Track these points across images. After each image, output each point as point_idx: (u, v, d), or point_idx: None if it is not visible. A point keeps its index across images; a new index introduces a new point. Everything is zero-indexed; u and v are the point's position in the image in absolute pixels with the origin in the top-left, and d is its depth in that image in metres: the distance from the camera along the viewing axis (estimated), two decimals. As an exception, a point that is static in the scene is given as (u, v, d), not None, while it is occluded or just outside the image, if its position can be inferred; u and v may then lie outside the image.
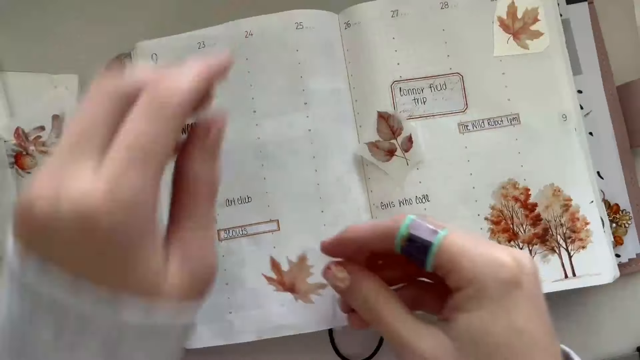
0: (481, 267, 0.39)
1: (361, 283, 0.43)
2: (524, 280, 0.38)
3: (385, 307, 0.42)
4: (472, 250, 0.39)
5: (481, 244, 0.40)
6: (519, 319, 0.38)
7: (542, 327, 0.39)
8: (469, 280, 0.39)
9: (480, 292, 0.38)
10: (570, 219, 0.53)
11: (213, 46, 0.56)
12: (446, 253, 0.40)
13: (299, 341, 0.55)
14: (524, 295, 0.38)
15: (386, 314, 0.42)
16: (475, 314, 0.38)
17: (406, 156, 0.54)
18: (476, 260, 0.39)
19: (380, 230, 0.42)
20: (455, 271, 0.39)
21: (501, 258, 0.39)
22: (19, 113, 0.59)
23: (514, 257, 0.39)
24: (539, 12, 0.56)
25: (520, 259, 0.39)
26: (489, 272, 0.38)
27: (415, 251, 0.41)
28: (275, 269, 0.53)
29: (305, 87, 0.55)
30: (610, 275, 0.53)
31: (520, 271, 0.38)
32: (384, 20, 0.56)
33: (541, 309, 0.39)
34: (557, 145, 0.54)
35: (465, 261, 0.39)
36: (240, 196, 0.54)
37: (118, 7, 0.62)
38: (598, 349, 0.58)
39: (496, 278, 0.38)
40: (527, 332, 0.38)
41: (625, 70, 0.61)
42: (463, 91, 0.55)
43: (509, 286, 0.38)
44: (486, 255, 0.39)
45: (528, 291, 0.38)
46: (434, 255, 0.40)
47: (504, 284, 0.38)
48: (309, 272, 0.52)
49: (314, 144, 0.54)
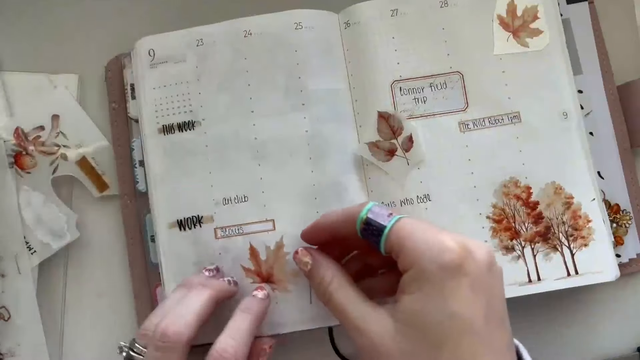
0: (423, 250, 0.40)
1: (320, 266, 0.47)
2: (468, 267, 0.40)
3: (338, 290, 0.45)
4: (418, 234, 0.41)
5: (431, 229, 0.42)
6: (453, 303, 0.39)
7: (479, 313, 0.39)
8: (412, 262, 0.41)
9: (420, 274, 0.40)
10: (572, 217, 0.53)
11: (212, 44, 0.56)
12: (396, 236, 0.42)
13: (298, 341, 0.55)
14: (465, 281, 0.39)
15: (338, 297, 0.45)
16: (414, 296, 0.40)
17: (407, 156, 0.54)
18: (420, 244, 0.41)
19: (347, 215, 0.46)
20: (402, 253, 0.41)
21: (445, 243, 0.40)
22: (18, 113, 0.59)
23: (460, 243, 0.40)
24: (539, 10, 0.56)
25: (469, 247, 0.40)
26: (430, 255, 0.40)
27: (371, 234, 0.44)
28: (253, 258, 0.53)
29: (303, 88, 0.55)
30: (612, 274, 0.53)
31: (464, 257, 0.40)
32: (384, 19, 0.56)
33: (484, 296, 0.40)
34: (558, 143, 0.54)
35: (410, 243, 0.41)
36: (237, 195, 0.54)
37: (118, 7, 0.62)
38: (598, 349, 0.58)
39: (435, 261, 0.40)
40: (460, 316, 0.39)
41: (625, 70, 0.61)
42: (463, 90, 0.55)
43: (449, 271, 0.39)
44: (430, 239, 0.41)
45: (471, 278, 0.39)
46: (385, 238, 0.43)
47: (442, 267, 0.39)
48: (286, 260, 0.53)
49: (310, 145, 0.54)
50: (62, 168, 0.58)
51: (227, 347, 0.44)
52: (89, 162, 0.59)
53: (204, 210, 0.54)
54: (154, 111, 0.55)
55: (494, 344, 0.40)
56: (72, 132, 0.59)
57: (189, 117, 0.55)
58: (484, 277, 0.40)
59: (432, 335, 0.39)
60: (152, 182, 0.55)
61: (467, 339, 0.39)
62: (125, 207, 0.58)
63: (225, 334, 0.45)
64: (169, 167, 0.54)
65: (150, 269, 0.56)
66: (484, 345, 0.39)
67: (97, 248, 0.59)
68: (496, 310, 0.40)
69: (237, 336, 0.45)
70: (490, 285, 0.41)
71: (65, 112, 0.59)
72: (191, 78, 0.55)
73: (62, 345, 0.57)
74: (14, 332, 0.56)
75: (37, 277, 0.57)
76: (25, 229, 0.57)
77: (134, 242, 0.57)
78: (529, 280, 0.52)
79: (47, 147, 0.58)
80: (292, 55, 0.55)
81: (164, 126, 0.55)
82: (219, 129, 0.55)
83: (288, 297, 0.53)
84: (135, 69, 0.56)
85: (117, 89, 0.59)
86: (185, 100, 0.55)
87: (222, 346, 0.44)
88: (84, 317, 0.58)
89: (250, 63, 0.55)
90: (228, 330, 0.46)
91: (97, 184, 0.59)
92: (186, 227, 0.54)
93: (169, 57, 0.56)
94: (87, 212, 0.59)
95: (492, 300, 0.40)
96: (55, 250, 0.57)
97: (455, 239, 0.41)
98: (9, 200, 0.57)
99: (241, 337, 0.45)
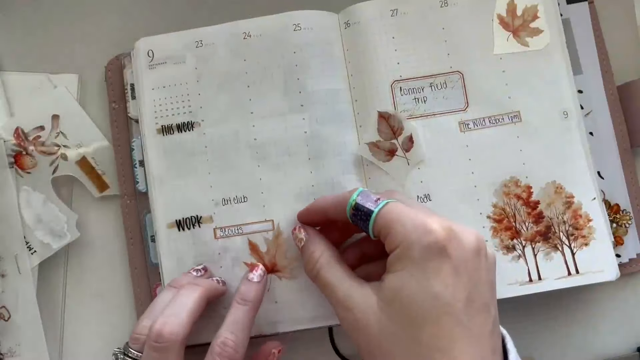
0: (410, 231, 0.41)
1: (311, 242, 0.49)
2: (452, 250, 0.40)
3: (326, 265, 0.47)
4: (405, 216, 0.42)
5: (419, 212, 0.43)
6: (435, 284, 0.40)
7: (461, 296, 0.40)
8: (398, 242, 0.42)
9: (404, 254, 0.41)
10: (573, 216, 0.53)
11: (211, 46, 0.56)
12: (383, 219, 0.43)
13: (298, 340, 0.54)
14: (448, 263, 0.40)
15: (325, 272, 0.46)
16: (398, 274, 0.41)
17: (407, 156, 0.54)
18: (407, 225, 0.42)
19: (339, 200, 0.47)
20: (389, 235, 0.42)
21: (430, 225, 0.41)
22: (18, 113, 0.59)
23: (446, 227, 0.41)
24: (539, 10, 0.56)
25: (456, 230, 0.41)
26: (415, 236, 0.41)
27: (360, 219, 0.45)
28: (254, 252, 0.54)
29: (302, 89, 0.55)
30: (613, 273, 0.53)
31: (449, 240, 0.40)
32: (384, 19, 0.56)
33: (468, 280, 0.41)
34: (558, 142, 0.54)
35: (398, 225, 0.42)
36: (236, 196, 0.54)
37: (118, 7, 0.62)
38: (598, 349, 0.58)
39: (420, 241, 0.41)
40: (441, 297, 0.40)
41: (625, 70, 0.61)
42: (463, 89, 0.55)
43: (433, 252, 0.40)
44: (417, 220, 0.42)
45: (455, 261, 0.40)
46: (373, 222, 0.44)
47: (427, 248, 0.40)
48: (287, 246, 0.53)
49: (309, 146, 0.54)
50: (62, 168, 0.58)
51: (227, 340, 0.45)
52: (89, 162, 0.59)
53: (203, 211, 0.54)
54: (153, 112, 0.55)
55: (473, 329, 0.40)
56: (72, 132, 0.59)
57: (188, 118, 0.55)
58: (469, 262, 0.41)
59: (412, 314, 0.40)
60: (151, 183, 0.55)
61: (445, 320, 0.40)
62: (125, 207, 0.58)
63: (224, 328, 0.46)
64: (168, 168, 0.55)
65: (150, 269, 0.56)
66: (463, 328, 0.40)
67: (97, 248, 0.59)
68: (480, 296, 0.41)
69: (236, 329, 0.46)
70: (475, 270, 0.41)
71: (65, 112, 0.59)
72: (190, 79, 0.55)
73: (62, 345, 0.57)
74: (14, 332, 0.56)
75: (37, 277, 0.57)
76: (25, 229, 0.57)
77: (134, 242, 0.57)
78: (530, 280, 0.52)
79: (47, 147, 0.58)
80: (291, 56, 0.55)
81: (163, 127, 0.55)
82: (219, 130, 0.55)
83: (294, 284, 0.53)
84: (134, 70, 0.56)
85: (117, 89, 0.59)
86: (184, 101, 0.55)
87: (222, 340, 0.45)
88: (84, 317, 0.58)
89: (249, 64, 0.55)
90: (227, 324, 0.47)
91: (97, 184, 0.59)
92: (185, 228, 0.54)
93: (168, 58, 0.56)
94: (87, 212, 0.59)
95: (476, 285, 0.41)
96: (55, 250, 0.57)
97: (442, 222, 0.41)
98: (9, 200, 0.57)
99: (240, 330, 0.47)
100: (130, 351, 0.46)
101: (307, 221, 0.51)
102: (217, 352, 0.45)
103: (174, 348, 0.44)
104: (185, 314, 0.46)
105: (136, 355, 0.46)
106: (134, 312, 0.57)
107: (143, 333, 0.46)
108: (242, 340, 0.46)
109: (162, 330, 0.44)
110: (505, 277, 0.52)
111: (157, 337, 0.44)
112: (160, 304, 0.48)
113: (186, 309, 0.46)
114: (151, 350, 0.44)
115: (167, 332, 0.44)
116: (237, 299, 0.49)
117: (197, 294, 0.48)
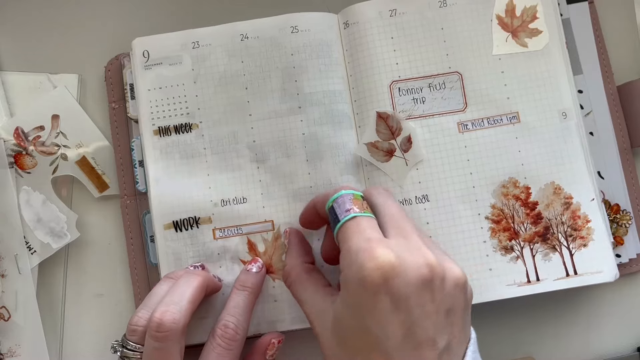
0: (352, 260, 0.40)
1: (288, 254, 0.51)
2: (393, 285, 0.39)
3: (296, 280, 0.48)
4: (354, 241, 0.41)
5: (370, 239, 0.41)
6: (368, 320, 0.39)
7: (396, 333, 0.39)
8: (343, 267, 0.41)
9: (345, 281, 0.41)
10: (572, 217, 0.53)
11: (208, 47, 0.56)
12: (341, 234, 0.43)
13: (298, 340, 0.54)
14: (385, 300, 0.39)
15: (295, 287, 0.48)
16: (342, 298, 0.41)
17: (405, 156, 0.54)
18: (351, 253, 0.41)
19: (324, 198, 0.47)
20: (341, 254, 0.42)
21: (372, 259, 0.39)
22: (18, 113, 0.59)
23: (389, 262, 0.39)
24: (538, 10, 0.56)
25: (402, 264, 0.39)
26: (355, 268, 0.40)
27: (332, 221, 0.45)
28: (252, 251, 0.54)
29: (299, 91, 0.55)
30: (612, 274, 0.53)
31: (390, 276, 0.39)
32: (383, 19, 0.56)
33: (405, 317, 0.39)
34: (557, 142, 0.54)
35: (346, 248, 0.41)
36: (236, 197, 0.54)
37: (118, 7, 0.62)
38: (598, 349, 0.58)
39: (357, 275, 0.39)
40: (372, 334, 0.39)
41: (625, 70, 0.61)
42: (462, 90, 0.55)
43: (369, 287, 0.39)
44: (362, 250, 0.40)
45: (394, 296, 0.39)
46: (336, 232, 0.44)
47: (363, 283, 0.39)
48: (284, 249, 0.54)
49: (307, 147, 0.54)
50: (62, 168, 0.58)
51: (228, 322, 0.47)
52: (89, 162, 0.59)
53: (201, 212, 0.54)
54: (150, 112, 0.55)
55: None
56: (72, 132, 0.59)
57: (186, 120, 0.55)
58: (412, 297, 0.39)
59: (349, 343, 0.41)
60: (149, 184, 0.55)
61: (375, 356, 0.39)
62: (125, 207, 0.58)
63: (225, 312, 0.48)
64: (165, 169, 0.55)
65: (150, 269, 0.57)
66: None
67: (97, 248, 0.59)
68: (423, 332, 0.39)
69: (236, 312, 0.48)
70: (419, 306, 0.39)
71: (65, 112, 0.59)
72: (187, 80, 0.56)
73: (62, 345, 0.58)
74: (14, 332, 0.56)
75: (37, 277, 0.57)
76: (25, 229, 0.57)
77: (134, 242, 0.57)
78: (528, 281, 0.52)
79: (47, 147, 0.58)
80: (288, 58, 0.55)
81: (160, 128, 0.55)
82: (217, 132, 0.55)
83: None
84: (133, 70, 0.57)
85: (117, 89, 0.59)
86: (182, 102, 0.55)
87: (223, 322, 0.47)
88: (84, 317, 0.58)
89: (246, 66, 0.56)
90: (227, 308, 0.49)
91: (97, 184, 0.59)
92: (182, 228, 0.54)
93: (164, 58, 0.56)
94: (87, 212, 0.59)
95: (419, 320, 0.39)
96: (55, 250, 0.57)
97: (387, 255, 0.39)
98: (9, 200, 0.57)
99: (240, 314, 0.48)
100: (129, 343, 0.46)
101: (306, 222, 0.52)
102: (219, 334, 0.47)
103: (175, 336, 0.44)
104: (185, 301, 0.46)
105: (134, 347, 0.46)
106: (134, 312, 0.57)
107: (140, 324, 0.46)
108: (242, 323, 0.48)
109: (162, 318, 0.44)
110: (503, 278, 0.53)
111: (158, 327, 0.44)
112: (157, 295, 0.48)
113: (186, 296, 0.46)
114: (153, 340, 0.44)
115: (169, 320, 0.44)
116: (236, 286, 0.50)
117: (196, 282, 0.48)
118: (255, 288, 0.51)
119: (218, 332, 0.47)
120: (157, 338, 0.44)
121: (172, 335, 0.44)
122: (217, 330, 0.47)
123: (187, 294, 0.47)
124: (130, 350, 0.46)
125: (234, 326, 0.47)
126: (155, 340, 0.44)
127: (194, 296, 0.47)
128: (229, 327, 0.47)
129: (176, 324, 0.44)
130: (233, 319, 0.47)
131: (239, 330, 0.47)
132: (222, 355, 0.46)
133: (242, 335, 0.48)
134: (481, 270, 0.53)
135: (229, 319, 0.48)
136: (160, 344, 0.44)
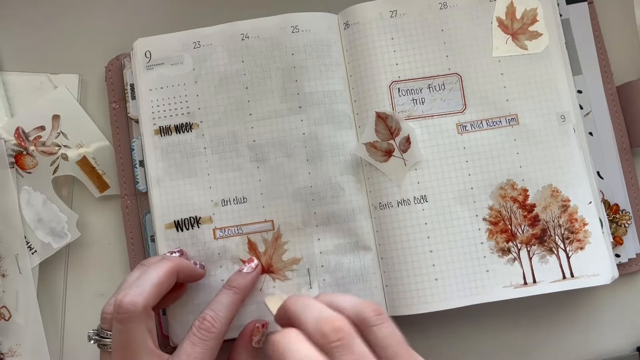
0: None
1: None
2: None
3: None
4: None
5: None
6: None
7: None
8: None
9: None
10: (569, 220, 0.53)
11: (209, 47, 0.56)
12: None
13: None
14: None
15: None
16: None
17: (404, 157, 0.54)
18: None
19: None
20: None
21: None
22: (19, 113, 0.60)
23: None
24: (538, 13, 0.56)
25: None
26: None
27: None
28: (252, 251, 0.54)
29: (300, 91, 0.55)
30: (608, 276, 0.53)
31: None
32: (383, 20, 0.56)
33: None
34: (555, 145, 0.54)
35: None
36: (236, 197, 0.54)
37: (118, 7, 0.62)
38: (598, 349, 0.58)
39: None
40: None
41: (625, 70, 0.61)
42: (462, 91, 0.55)
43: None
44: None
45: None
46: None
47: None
48: (284, 249, 0.54)
49: (307, 147, 0.55)
50: (62, 168, 0.59)
51: (205, 315, 0.48)
52: (90, 162, 0.59)
53: (202, 212, 0.54)
54: (151, 112, 0.56)
55: None
56: (73, 132, 0.59)
57: (186, 119, 0.55)
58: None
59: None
60: (149, 183, 0.55)
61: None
62: (126, 207, 0.58)
63: (207, 307, 0.49)
64: (166, 169, 0.55)
65: (150, 268, 0.57)
66: None
67: (97, 248, 0.59)
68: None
69: (217, 308, 0.49)
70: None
71: (65, 112, 0.59)
72: (188, 80, 0.56)
73: (62, 345, 0.58)
74: (15, 331, 0.56)
75: (37, 277, 0.57)
76: (25, 229, 0.57)
77: (134, 242, 0.58)
78: (525, 283, 0.53)
79: (48, 147, 0.59)
80: (289, 58, 0.55)
81: (160, 127, 0.55)
82: (217, 132, 0.55)
83: (288, 286, 0.54)
84: (134, 70, 0.57)
85: (117, 89, 0.59)
86: (182, 102, 0.55)
87: (202, 315, 0.48)
88: (84, 317, 0.58)
89: (247, 66, 0.56)
90: (209, 304, 0.50)
91: (98, 184, 0.59)
92: (183, 228, 0.54)
93: (165, 59, 0.56)
94: (88, 212, 0.59)
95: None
96: (56, 250, 0.57)
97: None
98: (9, 200, 0.57)
99: (220, 310, 0.49)
100: (102, 331, 0.47)
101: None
102: (196, 325, 0.48)
103: (135, 317, 0.45)
104: (148, 284, 0.47)
105: (106, 334, 0.47)
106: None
107: (108, 311, 0.47)
108: (222, 319, 0.48)
109: (122, 300, 0.45)
110: (500, 280, 0.53)
111: (117, 309, 0.45)
112: (128, 282, 0.49)
113: (150, 279, 0.47)
114: (116, 322, 0.45)
115: (127, 302, 0.44)
116: (225, 286, 0.51)
117: (165, 267, 0.49)
118: (241, 288, 0.51)
119: (195, 323, 0.48)
120: (117, 320, 0.45)
121: (132, 316, 0.44)
122: (195, 322, 0.48)
123: (153, 277, 0.47)
124: (103, 337, 0.47)
125: (211, 319, 0.48)
126: (117, 322, 0.45)
127: (160, 279, 0.47)
128: (206, 319, 0.48)
129: (134, 305, 0.44)
130: (212, 313, 0.48)
131: (215, 324, 0.48)
132: (195, 344, 0.47)
133: (219, 330, 0.48)
134: (478, 272, 0.53)
135: (208, 312, 0.48)
136: (121, 325, 0.45)
